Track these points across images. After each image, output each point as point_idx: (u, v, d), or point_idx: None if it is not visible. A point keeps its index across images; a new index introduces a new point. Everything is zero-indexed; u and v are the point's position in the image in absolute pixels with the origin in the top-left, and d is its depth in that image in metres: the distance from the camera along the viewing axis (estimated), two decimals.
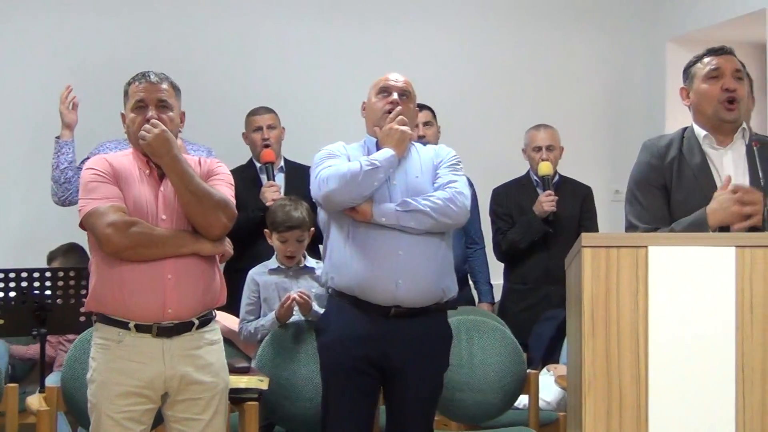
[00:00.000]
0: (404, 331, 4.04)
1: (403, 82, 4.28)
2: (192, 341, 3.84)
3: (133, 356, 3.75)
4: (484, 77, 7.15)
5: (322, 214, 4.26)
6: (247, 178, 5.86)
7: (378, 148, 4.18)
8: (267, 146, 5.85)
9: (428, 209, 4.03)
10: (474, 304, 6.11)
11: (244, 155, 6.03)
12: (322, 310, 4.43)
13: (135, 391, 3.75)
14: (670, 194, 3.89)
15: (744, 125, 3.91)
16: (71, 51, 6.52)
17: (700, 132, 3.93)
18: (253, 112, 6.03)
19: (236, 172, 5.84)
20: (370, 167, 4.02)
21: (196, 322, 3.85)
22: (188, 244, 3.82)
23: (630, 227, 3.95)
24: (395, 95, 4.22)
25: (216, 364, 3.91)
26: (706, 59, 3.94)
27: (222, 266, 4.08)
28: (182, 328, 3.81)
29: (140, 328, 3.76)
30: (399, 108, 4.19)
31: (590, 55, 7.37)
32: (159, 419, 3.94)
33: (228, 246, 4.15)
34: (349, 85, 4.35)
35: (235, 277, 5.20)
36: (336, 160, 4.13)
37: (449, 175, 4.18)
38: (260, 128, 5.93)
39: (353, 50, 6.88)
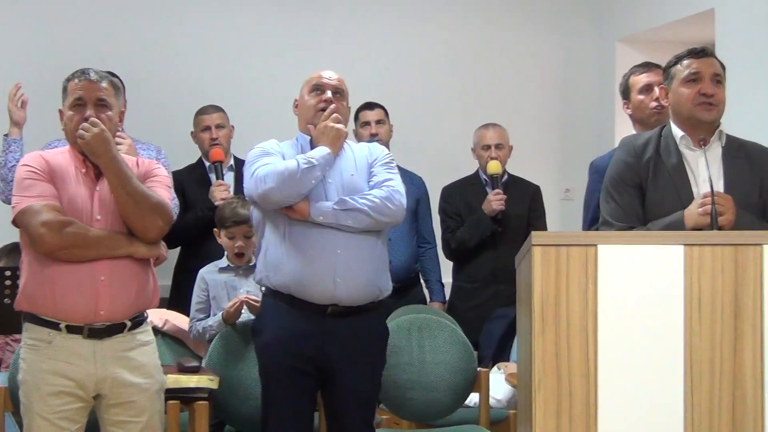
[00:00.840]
0: (341, 329, 4.05)
1: (336, 80, 4.27)
2: (124, 343, 3.81)
3: (63, 357, 3.72)
4: (434, 76, 7.16)
5: (256, 213, 4.25)
6: (196, 177, 5.84)
7: (311, 146, 4.18)
8: (216, 145, 5.83)
9: (366, 208, 4.03)
10: (425, 303, 6.12)
11: (193, 153, 6.01)
12: None
13: (66, 390, 3.72)
14: (645, 193, 3.90)
15: (721, 128, 3.93)
16: (19, 48, 6.46)
17: (677, 132, 3.93)
18: (202, 111, 5.99)
19: (185, 171, 5.87)
20: (307, 165, 4.01)
21: (129, 323, 3.82)
22: (123, 246, 3.79)
23: (604, 224, 3.96)
24: (328, 93, 4.22)
25: (149, 365, 3.88)
26: (686, 61, 3.92)
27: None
28: (114, 329, 3.78)
29: (71, 329, 3.72)
30: (333, 106, 4.19)
31: (540, 55, 7.40)
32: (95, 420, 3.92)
33: (163, 249, 4.12)
34: (297, 82, 4.34)
35: (185, 276, 5.21)
36: (271, 158, 4.12)
37: (384, 174, 4.19)
38: (209, 127, 5.90)
39: (304, 48, 6.86)
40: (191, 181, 5.81)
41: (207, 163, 5.89)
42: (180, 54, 6.74)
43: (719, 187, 3.81)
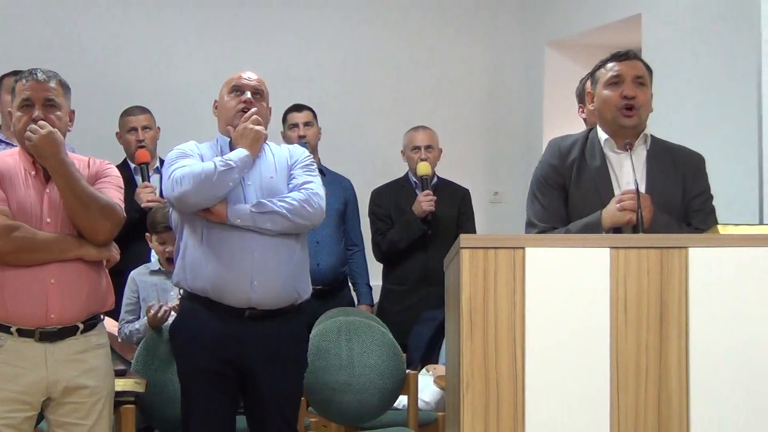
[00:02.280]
0: (259, 332, 4.05)
1: (256, 81, 4.26)
2: (77, 345, 3.78)
3: (14, 361, 3.69)
4: (363, 79, 7.17)
5: (174, 215, 4.23)
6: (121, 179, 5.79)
7: (231, 147, 4.17)
8: (142, 147, 5.79)
9: (284, 210, 4.03)
10: (353, 306, 6.13)
11: (117, 155, 5.95)
12: None
13: (15, 397, 3.68)
14: (568, 194, 3.93)
15: (646, 131, 3.96)
16: None
17: (602, 135, 3.96)
18: (127, 113, 5.94)
19: None
20: (224, 167, 3.99)
21: (81, 326, 3.79)
22: (72, 249, 3.76)
23: (529, 225, 3.99)
24: (248, 94, 4.20)
25: (101, 368, 3.86)
26: (609, 65, 3.94)
27: None
28: (66, 332, 3.75)
29: (22, 333, 3.69)
30: (255, 108, 4.18)
31: (469, 58, 7.44)
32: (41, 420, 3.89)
33: (114, 251, 4.10)
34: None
35: (112, 279, 5.14)
36: (189, 159, 4.11)
37: (304, 176, 4.19)
38: (135, 129, 5.86)
39: (228, 49, 6.84)
40: None
41: (132, 165, 5.84)
42: (104, 54, 6.69)
43: (642, 188, 3.84)
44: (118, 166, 5.76)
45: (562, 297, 3.34)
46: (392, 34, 7.24)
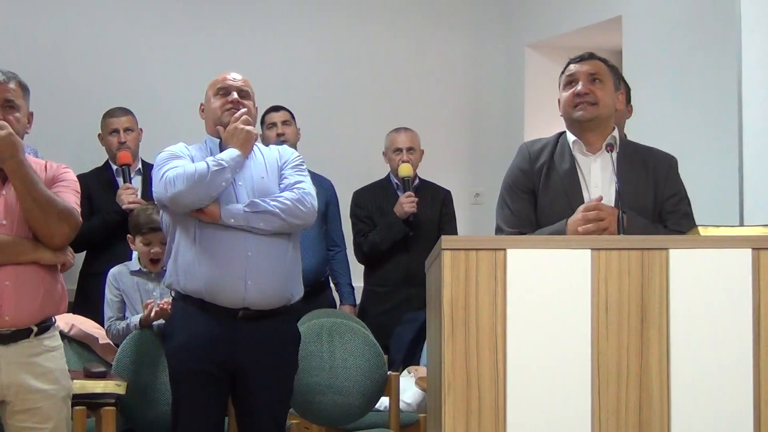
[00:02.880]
0: (252, 333, 4.05)
1: (241, 81, 4.27)
2: (30, 348, 3.75)
3: None
4: (344, 80, 7.16)
5: (165, 217, 4.22)
6: (103, 180, 5.78)
7: (221, 148, 4.17)
8: (124, 148, 5.77)
9: (277, 210, 4.04)
10: (335, 307, 6.12)
11: (97, 156, 5.94)
12: None
13: None
14: (537, 199, 3.94)
15: (614, 135, 3.95)
16: None
17: (570, 137, 3.98)
18: (109, 114, 5.92)
19: (91, 175, 5.80)
20: (217, 167, 4.00)
21: (35, 329, 3.76)
22: (28, 252, 3.72)
23: (497, 230, 4.00)
24: (234, 94, 4.21)
25: (56, 371, 3.83)
26: (568, 66, 3.98)
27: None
28: (20, 335, 3.72)
29: None
30: (245, 109, 4.18)
31: (450, 59, 7.44)
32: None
33: (70, 255, 4.07)
34: (205, 85, 4.32)
35: (90, 281, 5.15)
36: (180, 160, 4.10)
37: (295, 176, 4.20)
38: (117, 130, 5.84)
39: (208, 50, 6.82)
40: (97, 185, 5.74)
41: (114, 167, 5.82)
42: (86, 55, 6.66)
43: (611, 192, 3.85)
44: (99, 168, 5.80)
45: (543, 298, 3.34)
46: (373, 34, 7.24)
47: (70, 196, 3.84)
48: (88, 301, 5.33)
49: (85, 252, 5.77)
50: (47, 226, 3.72)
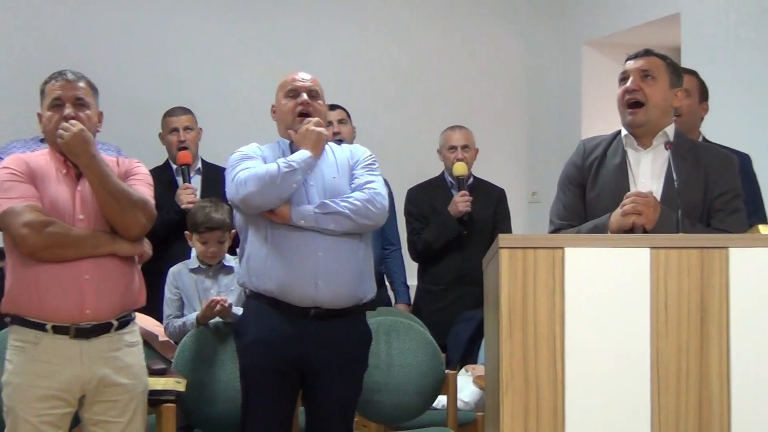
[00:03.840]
0: (323, 332, 4.05)
1: (311, 81, 4.26)
2: (111, 343, 3.80)
3: (50, 358, 3.71)
4: (400, 78, 7.17)
5: (238, 217, 4.24)
6: (163, 179, 5.81)
7: (292, 149, 4.17)
8: (183, 148, 5.80)
9: (347, 211, 4.03)
10: (390, 305, 6.12)
11: (159, 155, 5.98)
12: (241, 311, 4.42)
13: (52, 394, 3.71)
14: (586, 193, 3.93)
15: (667, 130, 3.91)
16: None
17: (623, 132, 3.97)
18: (170, 113, 5.95)
19: (152, 174, 5.81)
20: (288, 169, 4.00)
21: (115, 323, 3.82)
22: (105, 244, 3.78)
23: (549, 223, 4.01)
24: (304, 95, 4.21)
25: (135, 366, 3.89)
26: (625, 63, 3.96)
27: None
28: (101, 329, 3.77)
29: (57, 330, 3.72)
30: (317, 119, 4.17)
31: (506, 58, 7.42)
32: (77, 420, 3.91)
33: (147, 247, 4.12)
34: (265, 84, 4.34)
35: (151, 279, 5.15)
36: (252, 161, 4.11)
37: (366, 176, 4.19)
38: (176, 130, 5.87)
39: (268, 48, 6.86)
40: (157, 184, 5.73)
41: (174, 166, 5.86)
42: (148, 55, 6.72)
43: (658, 186, 3.84)
44: (160, 167, 5.84)
45: (601, 297, 3.32)
46: (428, 32, 7.23)
47: (144, 189, 3.91)
48: (148, 300, 5.36)
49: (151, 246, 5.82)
50: (123, 217, 3.78)
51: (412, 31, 7.21)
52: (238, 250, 4.36)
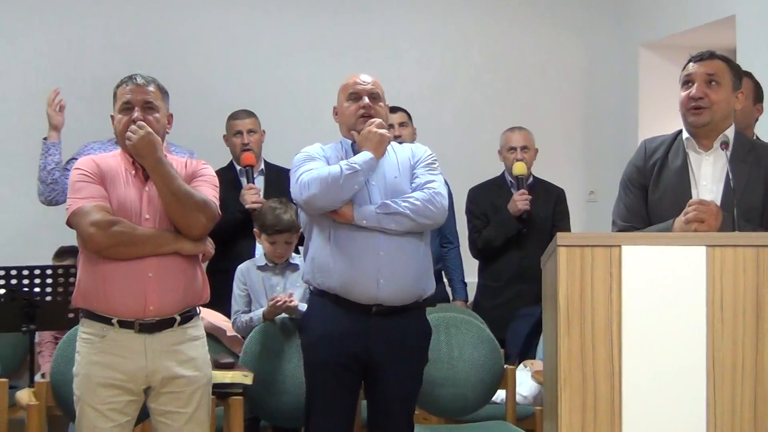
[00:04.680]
0: (385, 328, 4.06)
1: (372, 83, 4.26)
2: (174, 337, 3.85)
3: (115, 351, 3.77)
4: (459, 80, 7.16)
5: (303, 215, 4.27)
6: (227, 180, 5.84)
7: (354, 150, 4.19)
8: (247, 150, 5.84)
9: (408, 211, 4.04)
10: (448, 301, 6.12)
11: (224, 156, 6.03)
12: (306, 307, 4.45)
13: (117, 384, 3.77)
14: (648, 194, 3.91)
15: (727, 132, 3.88)
16: (56, 54, 6.53)
17: (685, 135, 3.94)
18: (234, 116, 5.99)
19: (217, 174, 5.86)
20: (350, 171, 4.01)
21: (178, 318, 3.86)
22: (169, 243, 3.82)
23: (612, 224, 4.00)
24: (366, 99, 4.21)
25: (198, 358, 3.92)
26: (688, 65, 3.91)
27: (204, 266, 4.09)
28: (164, 324, 3.82)
29: (123, 324, 3.77)
30: (379, 121, 4.17)
31: (565, 59, 7.39)
32: (146, 414, 3.96)
33: (209, 245, 4.16)
34: (327, 87, 4.36)
35: (217, 276, 5.21)
36: (316, 163, 4.13)
37: (427, 176, 4.19)
38: (240, 132, 5.90)
39: (331, 51, 6.88)
40: (222, 184, 5.80)
41: (238, 167, 5.90)
42: (213, 59, 6.77)
43: (719, 189, 3.81)
44: (224, 168, 5.89)
45: (658, 294, 3.31)
46: (487, 35, 7.22)
47: (208, 190, 3.94)
48: (213, 296, 5.41)
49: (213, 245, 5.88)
50: (186, 217, 3.82)
51: (473, 36, 7.20)
52: (301, 248, 4.39)
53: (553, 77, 7.36)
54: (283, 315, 4.78)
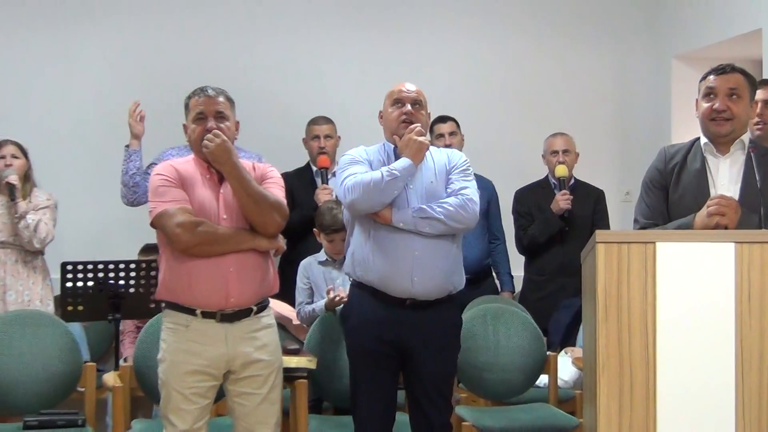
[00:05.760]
0: (418, 319, 4.08)
1: (415, 92, 4.27)
2: (251, 325, 3.88)
3: (199, 339, 3.81)
4: (505, 90, 7.13)
5: (346, 214, 4.30)
6: (304, 179, 5.90)
7: (395, 153, 4.20)
8: (323, 153, 5.87)
9: (442, 216, 4.05)
10: (497, 293, 6.12)
11: (299, 157, 6.07)
12: None
13: (201, 369, 3.80)
14: (669, 195, 3.89)
15: (743, 138, 3.86)
16: (138, 66, 6.58)
17: (703, 139, 3.92)
18: (313, 121, 6.05)
19: (294, 173, 5.97)
20: (390, 177, 4.03)
21: (254, 308, 3.89)
22: (247, 240, 3.85)
23: (634, 221, 3.98)
24: (408, 106, 4.22)
25: (271, 344, 3.95)
26: (708, 77, 3.90)
27: (278, 259, 4.12)
28: (242, 314, 3.85)
29: (206, 315, 3.81)
30: (419, 125, 4.17)
31: (603, 70, 7.34)
32: (220, 394, 4.00)
33: (281, 242, 4.19)
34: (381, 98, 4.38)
35: (290, 267, 5.27)
36: (359, 167, 4.14)
37: (461, 182, 4.18)
38: (318, 137, 5.96)
39: (388, 65, 6.84)
40: (298, 183, 5.86)
41: (314, 168, 5.93)
42: (292, 71, 6.79)
43: (736, 189, 3.78)
44: (301, 168, 5.95)
45: (690, 287, 3.29)
46: (530, 48, 7.18)
47: (278, 191, 3.97)
48: (287, 285, 5.46)
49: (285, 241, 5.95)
50: (261, 217, 3.85)
51: (517, 49, 7.16)
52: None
53: (593, 87, 7.30)
54: (342, 306, 4.80)
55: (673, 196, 3.88)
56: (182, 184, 3.86)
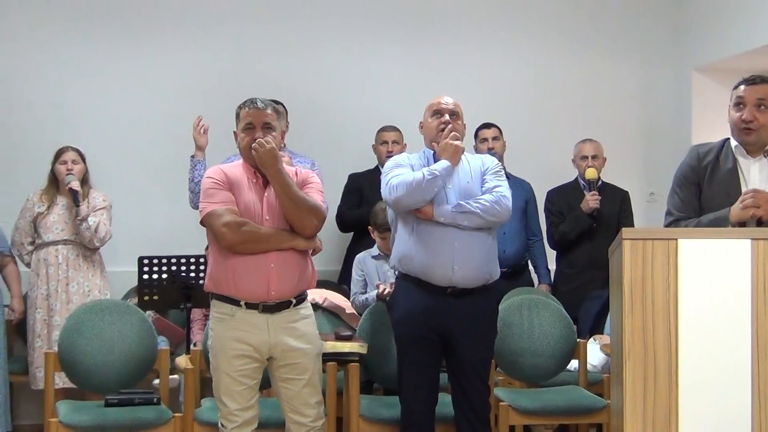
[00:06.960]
0: (458, 306, 4.09)
1: (452, 104, 4.32)
2: (290, 316, 3.89)
3: (243, 327, 3.83)
4: (539, 100, 7.08)
5: (390, 211, 4.33)
6: (372, 179, 5.91)
7: (435, 159, 4.23)
8: (390, 158, 5.87)
9: (479, 210, 4.08)
10: (533, 286, 6.09)
11: (368, 160, 6.16)
12: None
13: (246, 353, 3.83)
14: (701, 191, 3.85)
15: None
16: (203, 82, 6.56)
17: (733, 143, 3.88)
18: (383, 129, 6.10)
19: (365, 174, 6.09)
20: (431, 177, 4.07)
21: (293, 300, 3.90)
22: (287, 240, 3.86)
23: (667, 214, 3.95)
24: (446, 116, 4.26)
25: (309, 333, 3.96)
26: (740, 87, 3.85)
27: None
28: (282, 305, 3.87)
29: (249, 306, 3.83)
30: (451, 125, 4.23)
31: (628, 81, 7.25)
32: (267, 382, 4.03)
33: (318, 243, 4.21)
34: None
35: (352, 259, 5.33)
36: (402, 169, 4.19)
37: (494, 181, 4.21)
38: (386, 142, 6.02)
39: (435, 78, 6.80)
40: (368, 183, 5.91)
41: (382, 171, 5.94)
42: (362, 85, 6.74)
43: (766, 189, 3.72)
44: (371, 170, 5.99)
45: (710, 280, 3.28)
46: (561, 62, 7.10)
47: (317, 195, 3.97)
48: (348, 273, 5.47)
49: (352, 234, 6.06)
50: (300, 219, 3.87)
51: (550, 62, 7.10)
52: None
53: (619, 97, 7.22)
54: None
55: (707, 192, 3.84)
56: (230, 186, 3.89)
